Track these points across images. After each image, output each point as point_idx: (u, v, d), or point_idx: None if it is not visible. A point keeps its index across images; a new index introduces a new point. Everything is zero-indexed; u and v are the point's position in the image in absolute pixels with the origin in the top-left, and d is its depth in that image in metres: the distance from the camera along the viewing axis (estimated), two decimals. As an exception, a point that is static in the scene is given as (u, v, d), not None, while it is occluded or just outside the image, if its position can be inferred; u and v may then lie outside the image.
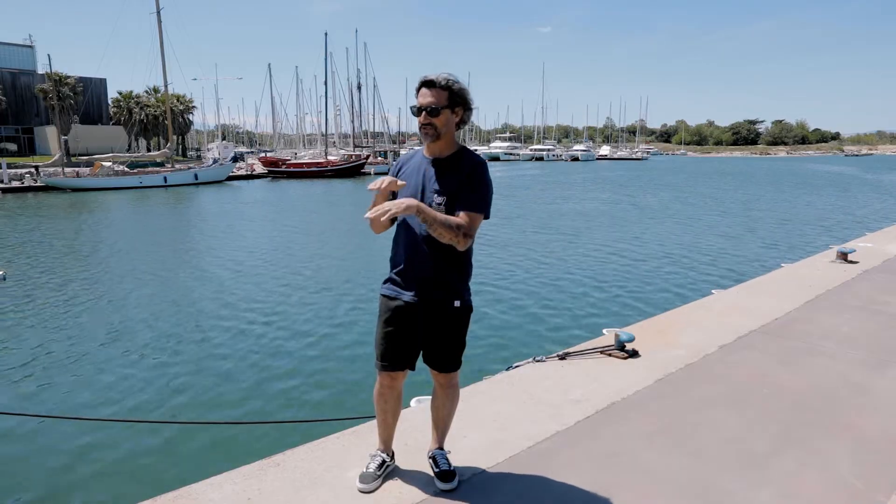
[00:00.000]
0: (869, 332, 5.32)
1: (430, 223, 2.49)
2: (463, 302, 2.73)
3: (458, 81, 2.63)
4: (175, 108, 61.36)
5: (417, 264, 2.67)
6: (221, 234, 18.98)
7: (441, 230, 2.50)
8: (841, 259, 8.32)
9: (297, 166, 53.39)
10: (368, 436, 3.30)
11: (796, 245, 15.79)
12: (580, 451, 3.23)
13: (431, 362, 2.80)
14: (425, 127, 2.60)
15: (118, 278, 12.21)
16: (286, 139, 79.43)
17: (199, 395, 6.46)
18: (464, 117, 2.68)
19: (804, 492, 2.89)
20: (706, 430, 3.50)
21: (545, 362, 4.54)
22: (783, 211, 24.72)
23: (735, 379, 4.25)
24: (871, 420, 3.63)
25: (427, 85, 2.60)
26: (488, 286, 10.90)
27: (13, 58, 63.73)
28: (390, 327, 2.74)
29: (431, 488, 2.83)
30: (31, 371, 7.15)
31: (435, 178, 2.65)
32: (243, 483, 2.88)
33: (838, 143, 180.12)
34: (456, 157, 2.69)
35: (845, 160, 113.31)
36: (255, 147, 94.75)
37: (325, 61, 68.06)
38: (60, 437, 5.47)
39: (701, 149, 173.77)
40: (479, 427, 3.48)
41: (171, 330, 8.64)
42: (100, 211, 26.62)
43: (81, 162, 45.21)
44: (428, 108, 2.58)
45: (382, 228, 2.80)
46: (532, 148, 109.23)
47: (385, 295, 2.79)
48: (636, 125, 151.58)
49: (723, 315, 5.82)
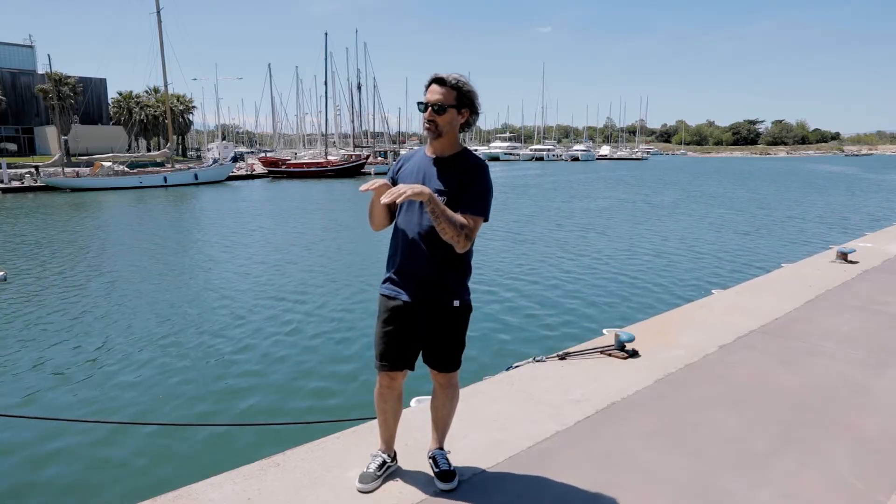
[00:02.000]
0: (869, 332, 5.32)
1: (437, 215, 2.48)
2: (462, 302, 2.73)
3: (468, 83, 2.63)
4: (175, 108, 61.35)
5: (416, 264, 2.67)
6: (221, 234, 18.98)
7: (445, 226, 2.49)
8: (841, 259, 8.32)
9: (297, 166, 53.37)
10: (368, 436, 3.30)
11: (796, 245, 15.79)
12: (580, 451, 3.23)
13: (431, 362, 2.79)
14: (429, 123, 2.61)
15: (118, 278, 12.20)
16: (286, 139, 79.43)
17: (200, 395, 6.46)
18: (469, 119, 2.68)
19: (804, 492, 2.89)
20: (706, 430, 3.50)
21: (545, 362, 4.54)
22: (783, 211, 24.71)
23: (735, 379, 4.25)
24: (871, 420, 3.63)
25: (437, 82, 2.60)
26: (488, 286, 10.90)
27: (13, 58, 63.73)
28: (389, 327, 2.73)
29: (431, 488, 2.83)
30: (30, 372, 7.14)
31: (436, 176, 2.65)
32: (243, 483, 2.88)
33: (838, 143, 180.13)
34: (458, 157, 2.69)
35: (845, 160, 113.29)
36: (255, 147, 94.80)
37: (325, 61, 68.21)
38: (60, 437, 5.46)
39: (701, 149, 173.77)
40: (479, 427, 3.48)
41: (171, 330, 8.64)
42: (100, 211, 26.62)
43: (81, 162, 45.21)
44: (435, 106, 2.58)
45: (381, 225, 2.80)
46: (532, 148, 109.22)
47: (384, 294, 2.78)
48: (636, 125, 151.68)
49: (723, 315, 5.82)
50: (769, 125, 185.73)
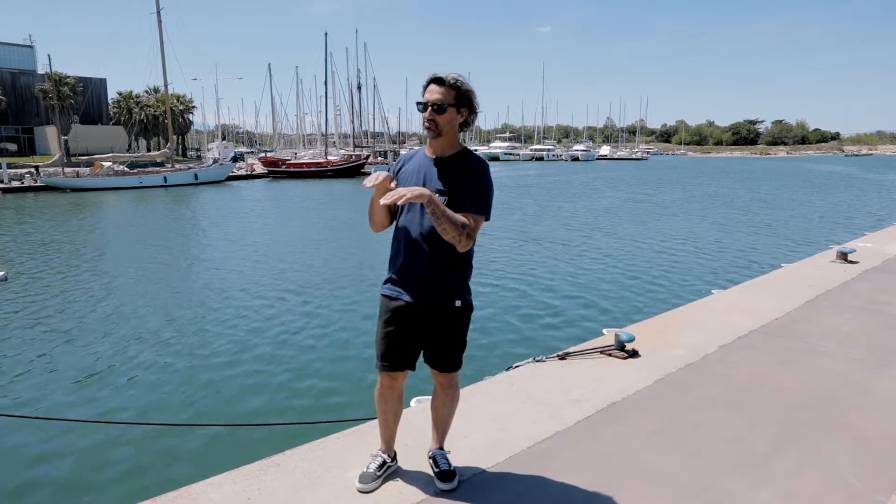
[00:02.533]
0: (869, 332, 5.32)
1: (437, 216, 2.48)
2: (464, 302, 2.73)
3: (467, 83, 2.64)
4: (175, 108, 61.37)
5: (417, 264, 2.67)
6: (221, 234, 18.98)
7: (446, 226, 2.49)
8: (841, 259, 8.32)
9: (297, 166, 53.37)
10: (368, 436, 3.30)
11: (797, 245, 15.79)
12: (580, 451, 3.23)
13: (432, 362, 2.79)
14: (429, 123, 2.61)
15: (118, 279, 12.20)
16: (286, 139, 79.44)
17: (200, 395, 6.46)
18: (468, 119, 2.69)
19: (804, 492, 2.89)
20: (706, 430, 3.50)
21: (545, 362, 4.54)
22: (783, 210, 24.71)
23: (735, 379, 4.25)
24: (871, 420, 3.63)
25: (436, 82, 2.61)
26: (489, 286, 10.90)
27: (13, 58, 63.73)
28: (390, 327, 2.74)
29: (431, 488, 2.83)
30: (30, 372, 7.15)
31: (437, 176, 2.65)
32: (243, 483, 2.88)
33: (838, 143, 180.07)
34: (458, 157, 2.69)
35: (845, 160, 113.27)
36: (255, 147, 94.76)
37: (325, 61, 68.12)
38: (60, 438, 5.46)
39: (701, 149, 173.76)
40: (479, 427, 3.48)
41: (171, 330, 8.64)
42: (100, 211, 26.62)
43: (81, 162, 45.21)
44: (434, 105, 2.59)
45: (381, 226, 2.80)
46: (532, 148, 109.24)
47: (385, 295, 2.78)
48: (636, 125, 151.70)
49: (723, 315, 5.82)
50: (769, 125, 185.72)
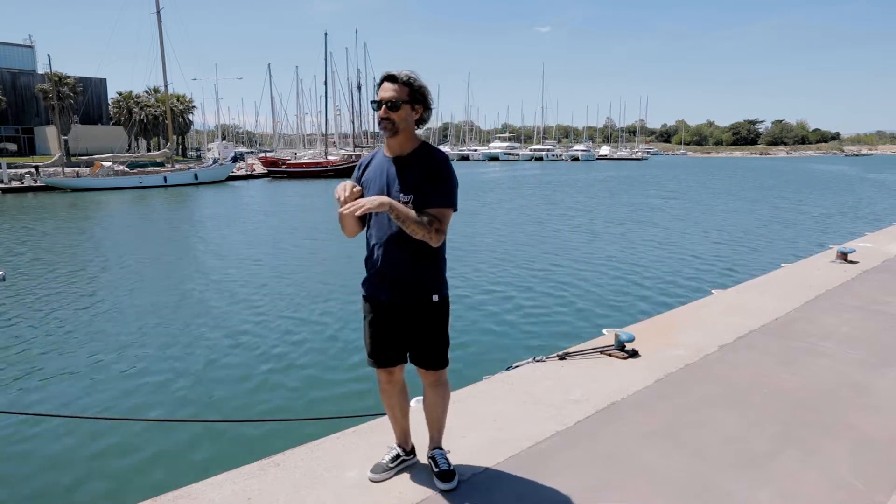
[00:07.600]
0: (869, 332, 5.32)
1: (402, 220, 2.51)
2: (440, 295, 2.75)
3: (420, 79, 2.66)
4: (175, 108, 61.41)
5: (391, 265, 2.69)
6: (221, 234, 18.97)
7: (413, 226, 2.52)
8: (841, 259, 8.32)
9: (296, 166, 53.38)
10: (369, 436, 3.30)
11: (797, 245, 15.79)
12: (580, 451, 3.23)
13: (418, 361, 2.80)
14: (384, 121, 2.62)
15: (118, 278, 12.20)
16: (286, 139, 79.50)
17: (199, 394, 6.46)
18: (423, 115, 2.70)
19: (804, 492, 2.89)
20: (706, 430, 3.50)
21: (545, 362, 4.54)
22: (783, 210, 24.71)
23: (735, 379, 4.25)
24: (871, 420, 3.63)
25: (389, 80, 2.63)
26: (488, 286, 10.90)
27: (13, 58, 63.79)
28: (373, 326, 2.80)
29: (432, 488, 2.83)
30: (30, 370, 7.15)
31: (399, 176, 2.65)
32: (243, 483, 2.88)
33: (838, 143, 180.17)
34: (418, 153, 2.69)
35: (845, 160, 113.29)
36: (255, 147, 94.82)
37: (325, 61, 68.43)
38: (59, 436, 5.46)
39: (701, 149, 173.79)
40: (479, 427, 3.48)
41: (171, 329, 8.64)
42: (100, 211, 26.62)
43: (81, 162, 45.27)
44: (388, 103, 2.60)
45: (353, 233, 2.80)
46: (532, 148, 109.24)
47: (363, 295, 2.84)
48: (636, 125, 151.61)
49: (723, 315, 5.82)
50: (769, 125, 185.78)
